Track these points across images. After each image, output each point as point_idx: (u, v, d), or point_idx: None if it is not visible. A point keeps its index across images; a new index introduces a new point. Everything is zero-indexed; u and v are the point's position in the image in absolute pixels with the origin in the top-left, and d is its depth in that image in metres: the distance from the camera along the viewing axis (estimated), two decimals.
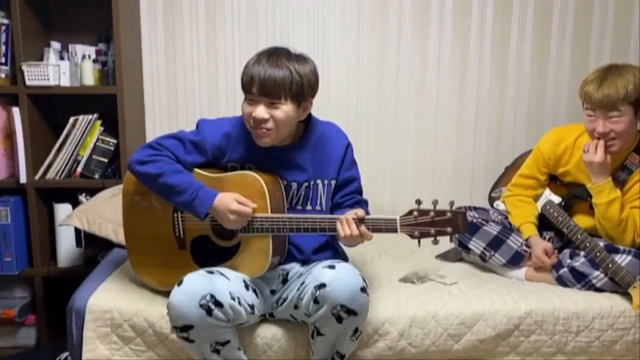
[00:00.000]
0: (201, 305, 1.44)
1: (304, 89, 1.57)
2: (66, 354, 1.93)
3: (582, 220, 1.94)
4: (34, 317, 2.41)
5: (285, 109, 1.56)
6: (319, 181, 1.70)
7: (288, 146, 1.68)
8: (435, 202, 1.49)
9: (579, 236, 1.86)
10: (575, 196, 1.98)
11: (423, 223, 1.48)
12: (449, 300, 1.76)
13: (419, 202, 1.50)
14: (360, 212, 1.55)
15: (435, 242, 1.51)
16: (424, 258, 2.14)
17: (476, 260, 2.04)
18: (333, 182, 1.72)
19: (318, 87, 1.65)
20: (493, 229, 1.99)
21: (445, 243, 2.08)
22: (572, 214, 1.98)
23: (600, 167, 1.84)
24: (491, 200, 2.35)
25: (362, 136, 2.66)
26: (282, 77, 1.53)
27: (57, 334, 2.42)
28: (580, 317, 1.73)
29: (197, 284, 1.47)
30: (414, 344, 1.69)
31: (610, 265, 1.77)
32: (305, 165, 1.68)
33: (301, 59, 1.59)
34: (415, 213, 1.49)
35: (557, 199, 2.00)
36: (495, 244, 1.97)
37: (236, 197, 1.57)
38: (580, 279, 1.84)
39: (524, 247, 1.95)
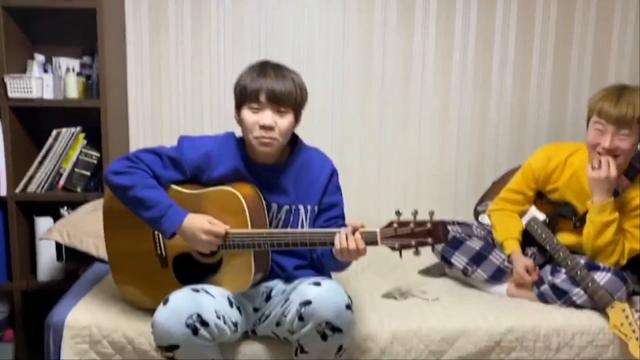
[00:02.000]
0: (187, 325, 1.42)
1: (303, 100, 1.64)
2: None
3: (565, 238, 1.96)
4: (11, 332, 2.38)
5: (289, 119, 1.61)
6: (300, 206, 1.69)
7: (272, 166, 1.68)
8: (415, 213, 1.47)
9: (561, 254, 1.88)
10: (560, 215, 2.00)
11: (403, 235, 1.46)
12: (431, 316, 1.77)
13: (398, 213, 1.47)
14: (356, 222, 1.51)
15: (417, 253, 1.48)
16: (407, 273, 2.14)
17: (459, 275, 2.05)
18: (316, 208, 1.71)
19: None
20: (475, 244, 2.01)
21: (430, 257, 2.09)
22: (556, 231, 2.00)
23: (607, 184, 1.83)
24: (476, 213, 2.37)
25: (346, 148, 2.68)
26: (289, 87, 1.59)
27: (36, 350, 2.39)
28: (560, 334, 1.74)
29: (183, 303, 1.45)
30: None
31: (590, 285, 1.79)
32: (287, 188, 1.68)
33: (294, 72, 1.66)
34: (395, 225, 1.46)
35: (541, 216, 2.01)
36: (478, 259, 1.98)
37: (208, 218, 1.56)
38: (560, 296, 1.86)
39: (506, 264, 1.97)
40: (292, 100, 1.60)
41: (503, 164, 2.69)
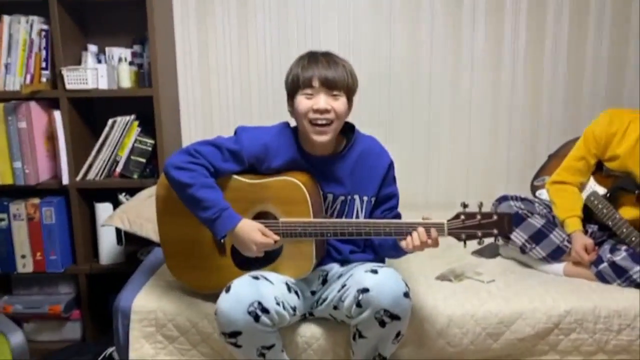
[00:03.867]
0: (249, 312, 1.46)
1: (354, 86, 1.66)
2: (112, 349, 1.99)
3: (627, 212, 1.91)
4: (78, 312, 2.50)
5: (343, 101, 1.63)
6: (356, 196, 1.70)
7: (328, 156, 1.70)
8: (480, 205, 1.52)
9: (624, 230, 1.83)
10: (621, 188, 1.94)
11: (470, 226, 1.51)
12: (487, 299, 1.76)
13: (464, 205, 1.51)
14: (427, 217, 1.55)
15: (481, 243, 1.54)
16: (460, 254, 2.12)
17: (513, 254, 2.03)
18: (373, 199, 1.72)
19: None
20: (537, 222, 1.97)
21: None
22: (618, 206, 1.94)
23: None
24: (534, 188, 2.31)
25: (394, 132, 2.66)
26: (340, 73, 1.61)
27: (101, 328, 2.52)
28: (622, 316, 1.72)
29: (244, 291, 1.49)
30: (452, 343, 1.70)
31: None
32: (344, 179, 1.69)
33: (344, 60, 1.67)
34: (462, 217, 1.51)
35: (601, 190, 1.96)
36: (538, 237, 1.95)
37: (260, 227, 1.59)
38: (620, 274, 1.82)
39: (566, 243, 1.93)
40: (344, 84, 1.61)
41: (557, 137, 2.59)
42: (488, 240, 1.55)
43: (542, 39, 2.59)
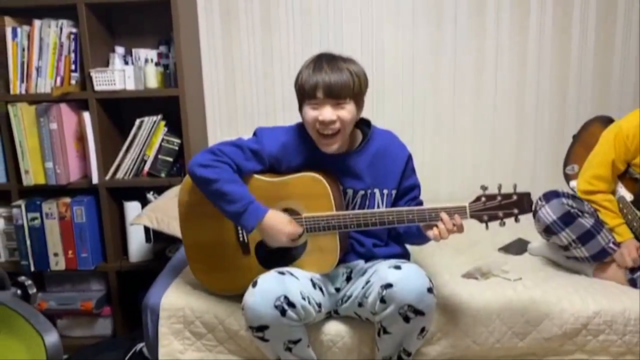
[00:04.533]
0: (276, 307, 1.49)
1: (362, 88, 1.64)
2: (141, 345, 2.04)
3: None
4: (109, 309, 2.56)
5: (350, 109, 1.61)
6: (376, 190, 1.71)
7: (346, 153, 1.71)
8: (499, 186, 1.53)
9: None
10: None
11: (491, 207, 1.53)
12: (514, 297, 1.74)
13: (484, 187, 1.53)
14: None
15: (502, 224, 1.54)
16: (486, 250, 2.11)
17: (543, 249, 1.98)
18: (393, 192, 1.73)
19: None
20: (587, 222, 1.87)
21: (508, 233, 2.05)
22: None
23: None
24: (567, 177, 2.25)
25: (417, 123, 2.65)
26: (345, 79, 1.59)
27: (131, 324, 2.57)
28: None
29: (271, 286, 1.52)
30: (477, 341, 1.70)
31: None
32: (363, 174, 1.70)
33: (351, 60, 1.66)
34: (483, 199, 1.53)
35: (629, 196, 1.91)
36: (586, 237, 1.87)
37: (288, 218, 1.62)
38: None
39: (611, 245, 1.87)
40: (349, 91, 1.60)
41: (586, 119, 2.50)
42: (506, 229, 1.54)
43: (568, 29, 2.54)
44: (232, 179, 1.62)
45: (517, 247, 2.14)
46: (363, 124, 1.75)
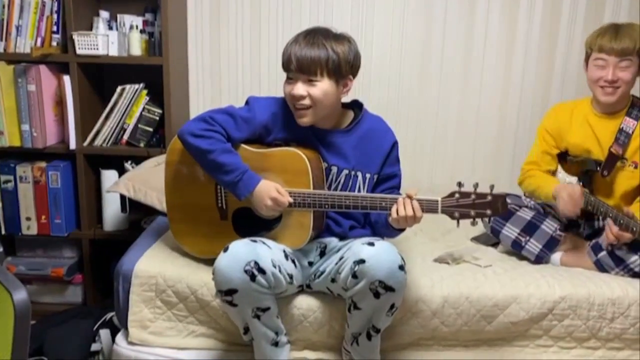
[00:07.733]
0: (245, 271, 1.50)
1: (341, 66, 1.61)
2: (112, 314, 2.03)
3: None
4: (80, 277, 2.53)
5: (322, 86, 1.60)
6: (359, 173, 1.72)
7: (334, 130, 1.71)
8: (475, 185, 1.52)
9: (622, 221, 1.82)
10: (587, 170, 2.00)
11: (464, 205, 1.51)
12: (483, 282, 1.78)
13: (460, 184, 1.52)
14: (412, 190, 1.56)
15: (474, 224, 1.54)
16: (459, 239, 2.15)
17: (508, 249, 2.02)
18: (375, 177, 1.74)
19: (359, 66, 1.68)
20: (527, 215, 1.99)
21: (481, 226, 2.08)
22: (594, 190, 1.98)
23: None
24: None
25: (402, 112, 2.65)
26: (317, 54, 1.57)
27: (102, 293, 2.55)
28: (616, 304, 1.74)
29: (242, 251, 1.53)
30: (446, 323, 1.72)
31: None
32: (348, 154, 1.71)
33: (340, 37, 1.64)
34: (456, 195, 1.52)
35: (572, 179, 1.97)
36: (530, 228, 1.95)
37: (277, 186, 1.62)
38: (618, 263, 1.85)
39: (558, 232, 1.94)
40: (319, 67, 1.58)
41: None
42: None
43: (557, 22, 2.56)
44: (226, 148, 1.64)
45: (490, 238, 2.16)
46: (356, 106, 1.76)
